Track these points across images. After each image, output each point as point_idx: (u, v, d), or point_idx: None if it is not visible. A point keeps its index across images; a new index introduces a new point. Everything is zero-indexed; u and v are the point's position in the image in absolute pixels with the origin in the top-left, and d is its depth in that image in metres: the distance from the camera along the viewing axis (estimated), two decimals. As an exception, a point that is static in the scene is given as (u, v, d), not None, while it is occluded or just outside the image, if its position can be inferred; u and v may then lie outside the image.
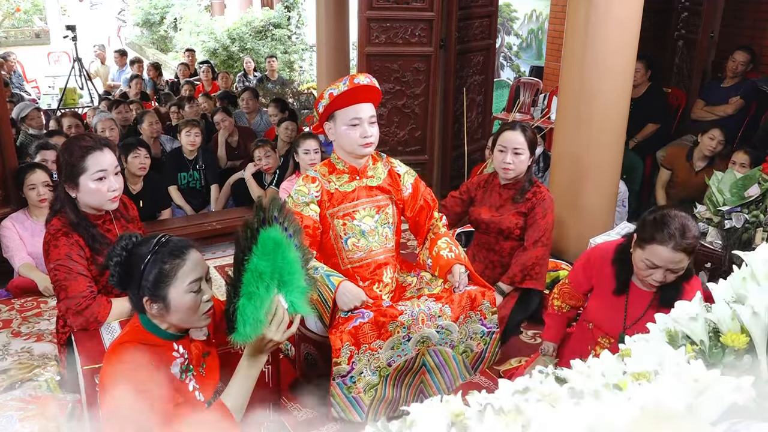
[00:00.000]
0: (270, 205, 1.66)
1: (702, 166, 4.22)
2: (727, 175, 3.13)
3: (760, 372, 0.84)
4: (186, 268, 1.64)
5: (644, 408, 0.77)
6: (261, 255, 1.60)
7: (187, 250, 1.66)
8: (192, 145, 4.54)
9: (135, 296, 1.65)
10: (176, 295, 1.62)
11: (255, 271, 1.59)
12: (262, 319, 1.61)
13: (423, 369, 2.33)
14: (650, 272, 2.01)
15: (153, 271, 1.61)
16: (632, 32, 3.45)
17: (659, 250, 1.95)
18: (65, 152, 2.21)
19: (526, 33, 8.55)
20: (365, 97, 2.35)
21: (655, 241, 1.95)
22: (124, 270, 1.65)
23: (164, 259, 1.62)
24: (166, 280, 1.61)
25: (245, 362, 1.70)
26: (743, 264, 0.97)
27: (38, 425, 2.18)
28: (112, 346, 1.67)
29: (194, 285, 1.65)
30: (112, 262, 1.65)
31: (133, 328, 1.68)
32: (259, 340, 1.65)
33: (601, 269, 2.26)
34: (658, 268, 1.98)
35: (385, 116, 4.52)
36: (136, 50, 14.00)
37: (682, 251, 1.93)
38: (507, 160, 2.86)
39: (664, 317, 0.99)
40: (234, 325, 1.61)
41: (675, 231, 1.92)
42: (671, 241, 1.92)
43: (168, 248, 1.64)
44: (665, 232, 1.93)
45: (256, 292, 1.60)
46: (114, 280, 1.67)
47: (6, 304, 3.34)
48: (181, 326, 1.70)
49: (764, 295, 0.88)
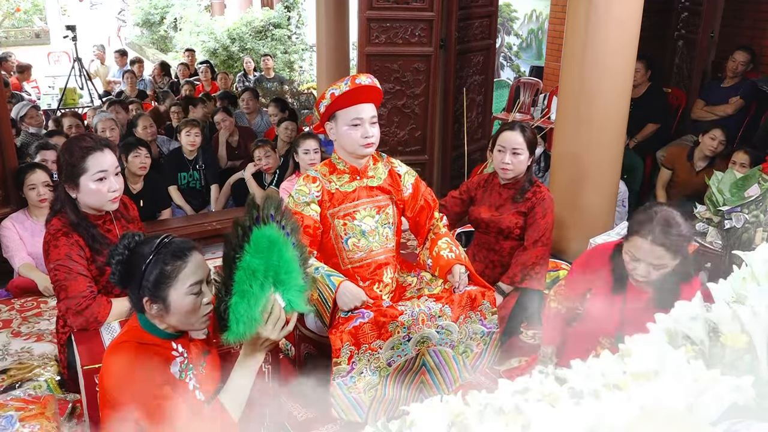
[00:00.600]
0: (265, 204, 1.66)
1: (703, 166, 4.22)
2: (727, 175, 3.13)
3: (760, 372, 0.84)
4: (187, 270, 1.64)
5: (644, 408, 0.77)
6: (254, 253, 1.60)
7: (190, 252, 1.66)
8: (192, 145, 4.54)
9: (135, 296, 1.65)
10: (176, 296, 1.62)
11: (248, 269, 1.59)
12: (257, 317, 1.61)
13: (423, 369, 2.33)
14: (633, 266, 2.02)
15: (154, 272, 1.61)
16: (632, 32, 3.45)
17: (639, 242, 1.97)
18: (66, 153, 2.21)
19: (526, 33, 8.55)
20: (367, 97, 2.35)
21: (637, 234, 1.97)
22: (125, 269, 1.65)
23: (166, 260, 1.62)
24: (167, 281, 1.61)
25: (242, 361, 1.70)
26: (743, 264, 0.97)
27: (38, 425, 2.18)
28: (111, 346, 1.68)
29: (195, 287, 1.65)
30: (114, 260, 1.65)
31: (132, 328, 1.68)
32: (255, 338, 1.64)
33: (599, 268, 2.27)
34: (640, 261, 1.99)
35: (385, 116, 4.53)
36: (136, 50, 14.00)
37: (662, 246, 1.93)
38: (506, 160, 2.86)
39: (664, 317, 0.99)
40: (226, 324, 1.61)
41: (656, 225, 1.93)
42: (650, 234, 1.93)
43: (170, 249, 1.64)
44: (647, 226, 1.95)
45: (249, 290, 1.59)
46: (115, 279, 1.66)
47: (6, 304, 3.34)
48: (179, 327, 1.70)
49: (764, 295, 0.88)
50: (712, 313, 0.92)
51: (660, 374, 0.83)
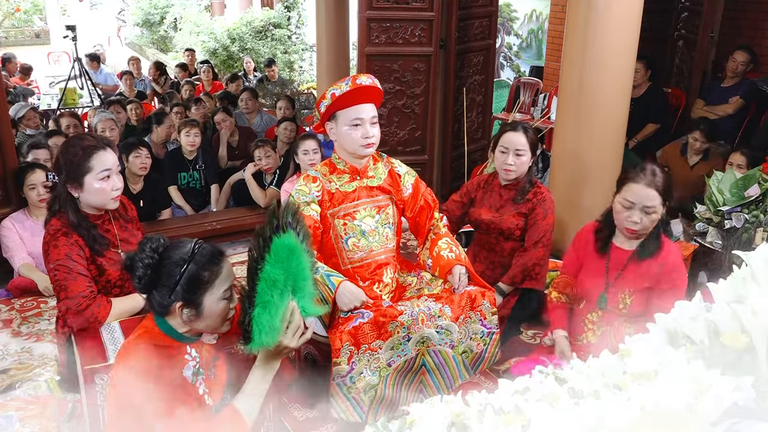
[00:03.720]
0: (284, 211, 1.67)
1: (696, 161, 4.30)
2: (727, 175, 3.13)
3: (760, 372, 0.84)
4: (222, 276, 1.65)
5: (644, 408, 0.77)
6: (273, 263, 1.61)
7: (223, 258, 1.67)
8: (191, 145, 4.54)
9: (164, 299, 1.62)
10: (210, 302, 1.63)
11: (268, 280, 1.60)
12: (278, 326, 1.62)
13: (423, 369, 2.33)
14: (628, 213, 2.26)
15: (191, 277, 1.60)
16: (632, 32, 3.45)
17: (633, 187, 2.25)
18: (67, 152, 2.20)
19: (526, 33, 8.55)
20: (367, 97, 2.35)
21: (630, 180, 2.27)
22: (155, 273, 1.62)
23: (203, 266, 1.62)
24: (204, 286, 1.61)
25: (260, 368, 1.69)
26: (743, 264, 0.97)
27: (38, 425, 2.18)
28: (125, 346, 1.67)
29: (227, 293, 1.66)
30: (142, 264, 1.61)
31: (148, 330, 1.67)
32: (275, 346, 1.65)
33: (586, 240, 2.49)
34: (634, 207, 2.24)
35: (385, 116, 4.52)
36: (136, 50, 14.01)
37: (654, 188, 2.21)
38: (509, 162, 2.86)
39: (664, 317, 0.99)
40: (250, 335, 1.61)
41: (647, 171, 2.25)
42: (644, 178, 2.24)
43: (206, 255, 1.63)
44: (638, 173, 2.26)
45: (270, 300, 1.60)
46: (140, 283, 1.63)
47: (6, 304, 3.34)
48: (203, 331, 1.70)
49: (764, 295, 0.88)
50: (712, 313, 0.92)
51: (660, 374, 0.83)
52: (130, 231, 2.39)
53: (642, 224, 2.26)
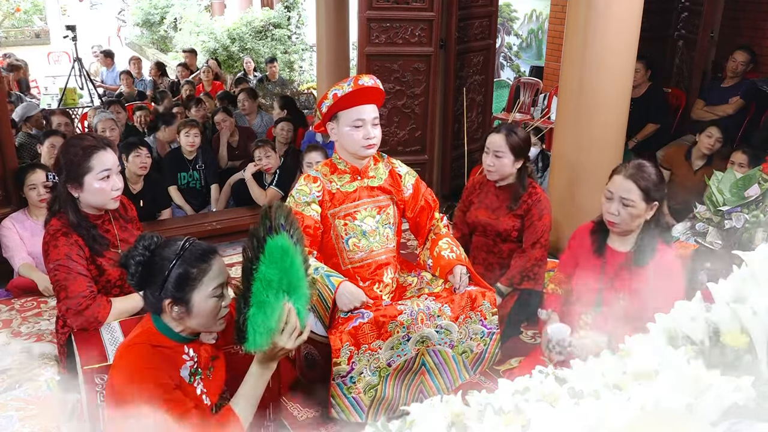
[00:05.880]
0: (276, 213, 1.67)
1: (701, 165, 4.23)
2: (727, 175, 3.13)
3: (760, 372, 0.84)
4: (212, 274, 1.65)
5: (644, 408, 0.77)
6: (268, 263, 1.61)
7: (213, 256, 1.67)
8: (191, 145, 4.54)
9: (155, 297, 1.64)
10: (199, 299, 1.63)
11: (264, 280, 1.60)
12: (273, 327, 1.62)
13: (423, 369, 2.33)
14: (607, 206, 2.28)
15: (179, 274, 1.61)
16: (632, 32, 3.45)
17: (615, 177, 2.29)
18: (67, 152, 2.20)
19: (526, 33, 8.55)
20: (369, 98, 2.35)
21: (614, 173, 2.31)
22: (146, 270, 1.64)
23: (191, 263, 1.62)
24: (192, 283, 1.62)
25: (255, 369, 1.70)
26: (743, 264, 0.97)
27: (38, 425, 2.18)
28: (123, 346, 1.67)
29: (217, 290, 1.66)
30: (134, 261, 1.63)
31: (146, 330, 1.67)
32: (271, 347, 1.65)
33: (582, 240, 2.48)
34: (613, 199, 2.25)
35: (385, 116, 4.52)
36: (136, 50, 14.00)
37: (633, 181, 2.21)
38: (488, 162, 2.89)
39: (664, 317, 0.99)
40: (245, 335, 1.61)
41: (632, 164, 2.27)
42: (626, 170, 2.27)
43: (195, 252, 1.64)
44: (623, 166, 2.30)
45: (266, 300, 1.60)
46: (134, 280, 1.65)
47: (6, 304, 3.34)
48: (196, 330, 1.70)
49: (764, 295, 0.88)
50: (712, 313, 0.92)
51: (660, 374, 0.83)
52: (130, 231, 2.39)
53: (621, 217, 2.22)
